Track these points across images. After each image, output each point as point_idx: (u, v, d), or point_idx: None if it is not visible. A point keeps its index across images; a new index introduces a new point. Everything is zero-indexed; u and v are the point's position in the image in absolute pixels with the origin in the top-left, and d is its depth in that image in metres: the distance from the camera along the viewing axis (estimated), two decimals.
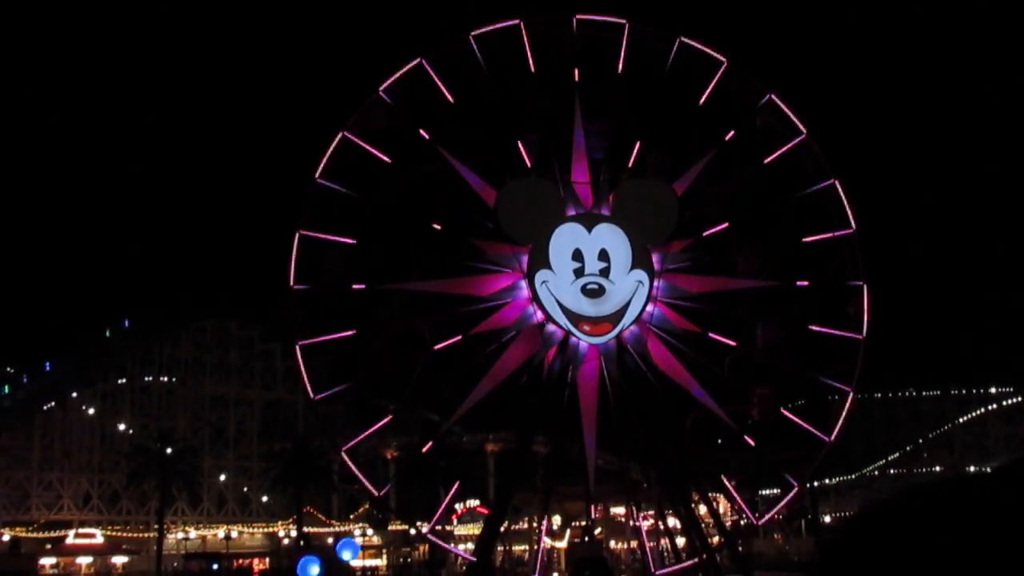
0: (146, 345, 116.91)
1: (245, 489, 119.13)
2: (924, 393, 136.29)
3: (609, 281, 61.52)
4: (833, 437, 66.06)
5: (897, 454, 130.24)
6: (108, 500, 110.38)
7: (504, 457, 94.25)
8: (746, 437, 67.03)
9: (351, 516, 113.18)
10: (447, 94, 63.76)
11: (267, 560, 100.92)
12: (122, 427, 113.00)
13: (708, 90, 66.96)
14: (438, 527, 76.11)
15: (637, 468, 69.60)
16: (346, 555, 59.21)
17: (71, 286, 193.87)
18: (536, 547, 73.02)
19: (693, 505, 70.56)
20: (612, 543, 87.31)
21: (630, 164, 66.26)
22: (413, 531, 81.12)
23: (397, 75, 63.70)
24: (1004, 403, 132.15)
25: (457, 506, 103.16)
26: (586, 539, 67.02)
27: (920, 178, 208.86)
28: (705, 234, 66.52)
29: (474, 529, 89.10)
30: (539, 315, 61.75)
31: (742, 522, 77.72)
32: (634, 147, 66.12)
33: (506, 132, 64.35)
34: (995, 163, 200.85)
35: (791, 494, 68.01)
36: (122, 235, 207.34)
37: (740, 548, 71.54)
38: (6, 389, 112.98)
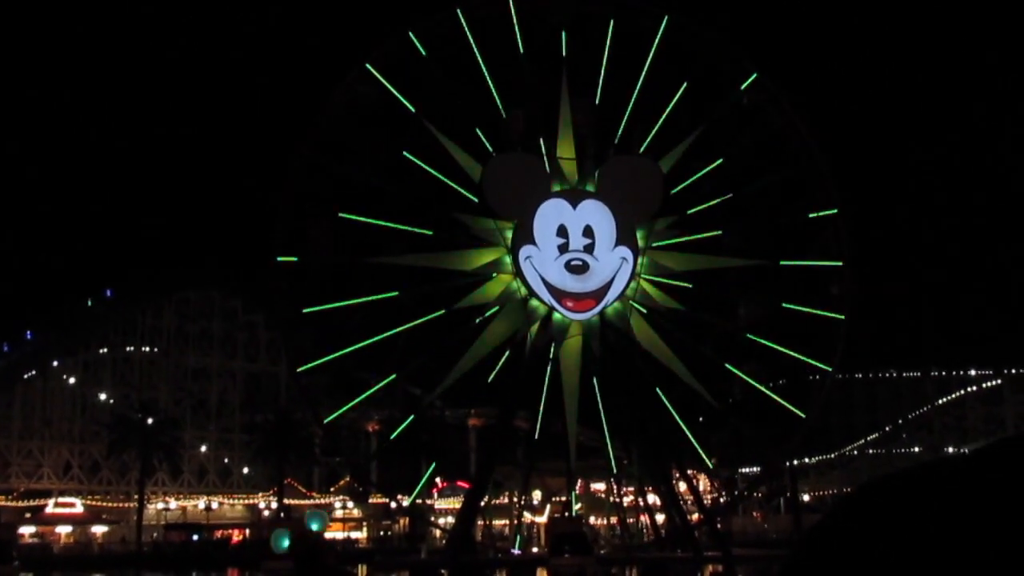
0: (128, 315, 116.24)
1: (226, 460, 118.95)
2: (904, 374, 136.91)
3: (593, 258, 61.45)
4: (812, 416, 66.50)
5: (876, 434, 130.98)
6: (88, 470, 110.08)
7: (486, 432, 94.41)
8: (727, 415, 67.41)
9: (332, 489, 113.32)
10: (434, 67, 63.45)
11: (247, 531, 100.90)
12: (103, 397, 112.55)
13: (694, 68, 66.90)
14: (418, 501, 76.42)
15: (618, 445, 69.89)
16: (314, 525, 61.23)
17: (53, 255, 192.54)
18: (516, 522, 73.38)
19: (673, 482, 70.94)
20: (592, 519, 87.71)
21: (616, 141, 66.19)
22: (394, 504, 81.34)
23: (384, 47, 63.36)
24: (983, 385, 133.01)
25: (437, 480, 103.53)
26: (566, 514, 67.26)
27: (903, 158, 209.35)
28: (690, 212, 66.63)
29: (455, 503, 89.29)
30: (523, 290, 61.75)
31: (721, 500, 78.24)
32: (621, 124, 66.06)
33: (493, 107, 64.12)
34: (978, 143, 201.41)
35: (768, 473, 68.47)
36: (105, 204, 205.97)
37: (719, 525, 71.90)
38: None
